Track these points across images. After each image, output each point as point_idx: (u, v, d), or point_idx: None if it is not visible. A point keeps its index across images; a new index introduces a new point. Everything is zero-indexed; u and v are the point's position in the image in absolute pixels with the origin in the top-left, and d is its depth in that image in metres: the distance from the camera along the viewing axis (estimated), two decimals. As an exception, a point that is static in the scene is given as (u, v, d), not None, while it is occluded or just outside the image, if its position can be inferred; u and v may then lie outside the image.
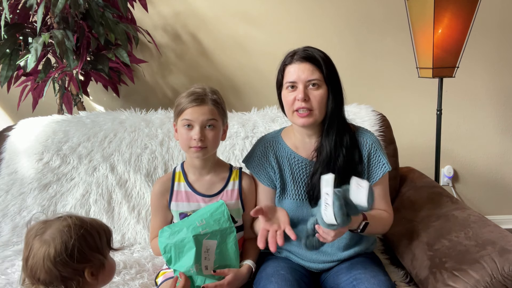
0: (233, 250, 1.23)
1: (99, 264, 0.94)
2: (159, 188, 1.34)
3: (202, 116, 1.23)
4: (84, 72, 2.03)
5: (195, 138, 1.22)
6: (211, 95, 1.27)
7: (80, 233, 0.91)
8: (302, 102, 1.20)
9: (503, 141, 2.53)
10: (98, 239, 0.94)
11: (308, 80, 1.20)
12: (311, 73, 1.20)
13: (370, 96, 2.25)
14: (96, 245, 0.93)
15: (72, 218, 0.93)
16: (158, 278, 1.32)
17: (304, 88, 1.20)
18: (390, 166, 1.30)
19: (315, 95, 1.20)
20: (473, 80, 2.44)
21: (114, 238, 1.61)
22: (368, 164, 1.29)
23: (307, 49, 1.23)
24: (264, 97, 2.27)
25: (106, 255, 0.97)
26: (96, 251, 0.93)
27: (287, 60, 1.25)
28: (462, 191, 2.58)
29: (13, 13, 1.86)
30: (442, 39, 1.94)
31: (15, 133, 1.82)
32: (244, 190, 1.34)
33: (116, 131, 1.77)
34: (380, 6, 2.34)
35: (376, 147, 1.29)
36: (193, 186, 1.32)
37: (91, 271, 0.92)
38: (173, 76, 2.37)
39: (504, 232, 1.21)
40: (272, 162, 1.32)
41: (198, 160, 1.29)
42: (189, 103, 1.23)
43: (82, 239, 0.91)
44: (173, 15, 2.30)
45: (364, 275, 1.17)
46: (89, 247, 0.92)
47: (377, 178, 1.29)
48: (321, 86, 1.21)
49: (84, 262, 0.91)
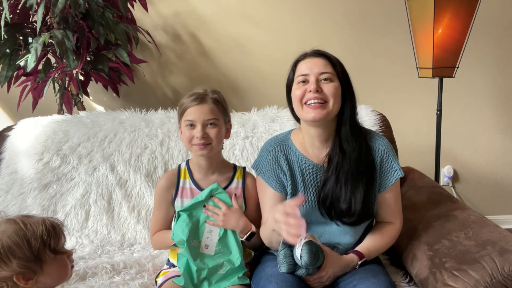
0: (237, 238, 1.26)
1: (31, 271, 0.91)
2: (165, 183, 1.36)
3: (203, 114, 1.25)
4: (84, 72, 2.03)
5: (198, 136, 1.25)
6: (212, 94, 1.29)
7: (3, 241, 0.89)
8: (314, 93, 1.17)
9: (503, 141, 2.53)
10: (25, 247, 0.90)
11: (321, 72, 1.18)
12: (324, 67, 1.19)
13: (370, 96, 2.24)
14: (23, 253, 0.90)
15: (1, 225, 0.92)
16: (158, 278, 1.32)
17: (316, 81, 1.18)
18: (403, 172, 1.26)
19: (329, 87, 1.18)
20: (473, 80, 2.44)
21: (114, 238, 1.63)
22: (380, 171, 1.26)
23: (319, 49, 1.24)
24: (264, 97, 2.27)
25: (42, 260, 0.93)
26: (23, 260, 0.90)
27: (300, 58, 1.25)
28: (462, 191, 2.58)
29: (13, 13, 1.86)
30: (442, 39, 1.94)
31: (15, 133, 1.82)
32: (247, 188, 1.35)
33: (116, 131, 1.77)
34: (380, 6, 2.34)
35: (388, 153, 1.26)
36: (199, 184, 1.34)
37: (22, 277, 0.91)
38: (173, 76, 2.37)
39: (504, 232, 1.21)
40: (283, 167, 1.27)
41: (203, 159, 1.31)
42: (190, 102, 1.27)
43: (4, 248, 0.89)
44: (173, 15, 2.30)
45: (365, 275, 1.16)
46: (13, 255, 0.89)
47: (389, 185, 1.26)
48: (334, 81, 1.19)
49: (8, 270, 0.89)
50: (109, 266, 1.42)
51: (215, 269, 1.24)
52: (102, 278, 1.36)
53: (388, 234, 1.27)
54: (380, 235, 1.27)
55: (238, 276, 1.24)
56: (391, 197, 1.28)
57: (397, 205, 1.30)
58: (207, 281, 1.23)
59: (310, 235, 1.13)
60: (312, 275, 1.15)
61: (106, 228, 1.66)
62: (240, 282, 1.23)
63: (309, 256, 1.10)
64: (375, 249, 1.25)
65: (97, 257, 1.53)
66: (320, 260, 1.13)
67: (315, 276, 1.15)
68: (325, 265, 1.15)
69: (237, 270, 1.25)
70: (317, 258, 1.12)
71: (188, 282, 1.21)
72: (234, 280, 1.23)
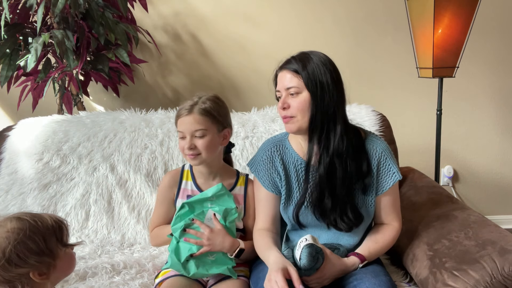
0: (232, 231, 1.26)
1: (46, 265, 0.93)
2: (168, 181, 1.38)
3: (190, 125, 1.27)
4: (84, 72, 2.03)
5: (186, 147, 1.27)
6: (201, 104, 1.28)
7: (19, 238, 0.89)
8: (282, 110, 1.20)
9: (503, 141, 2.53)
10: (41, 242, 0.91)
11: (286, 88, 1.19)
12: (289, 81, 1.19)
13: (370, 96, 2.24)
14: (40, 248, 0.91)
15: (13, 222, 0.92)
16: (158, 278, 1.32)
17: (286, 97, 1.19)
18: (401, 175, 1.25)
19: (294, 102, 1.18)
20: (473, 80, 2.44)
21: (114, 238, 1.63)
22: (377, 174, 1.24)
23: (295, 56, 1.22)
24: (264, 97, 2.26)
25: (55, 255, 0.94)
26: (40, 255, 0.91)
27: (278, 68, 1.25)
28: (462, 191, 2.58)
29: (13, 13, 1.86)
30: (442, 39, 1.94)
31: (15, 133, 1.82)
32: (248, 196, 1.37)
33: (116, 131, 1.77)
34: (380, 6, 2.34)
35: (386, 155, 1.24)
36: (200, 187, 1.36)
37: (38, 272, 0.92)
38: (173, 76, 2.37)
39: (504, 232, 1.21)
40: (278, 167, 1.27)
41: (202, 166, 1.33)
42: (178, 112, 1.30)
43: (21, 245, 0.89)
44: (173, 15, 2.30)
45: (365, 275, 1.16)
46: (30, 251, 0.90)
47: (387, 188, 1.24)
48: (301, 93, 1.18)
49: (26, 267, 0.90)
50: (109, 266, 1.42)
51: (205, 255, 1.23)
52: (102, 278, 1.36)
53: (388, 235, 1.27)
54: (380, 237, 1.27)
55: (228, 267, 1.23)
56: (389, 200, 1.27)
57: (396, 207, 1.29)
58: (195, 263, 1.22)
59: (311, 237, 1.13)
60: (310, 276, 1.15)
61: (106, 228, 1.66)
62: (228, 272, 1.23)
63: (308, 259, 1.10)
64: (376, 251, 1.25)
65: (97, 257, 1.53)
66: (320, 262, 1.13)
67: (314, 277, 1.15)
68: (324, 266, 1.15)
69: (226, 260, 1.24)
70: (316, 260, 1.12)
71: (175, 262, 1.21)
72: (224, 269, 1.23)
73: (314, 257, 1.11)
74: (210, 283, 1.28)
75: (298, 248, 1.12)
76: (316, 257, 1.12)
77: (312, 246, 1.11)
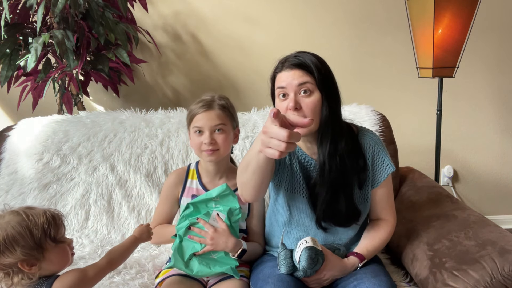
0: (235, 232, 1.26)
1: (34, 258, 0.98)
2: (174, 179, 1.39)
3: (210, 121, 1.28)
4: (84, 72, 2.03)
5: (206, 142, 1.27)
6: (219, 101, 1.32)
7: (8, 231, 0.96)
8: (293, 111, 1.11)
9: (503, 141, 2.53)
10: (28, 238, 0.97)
11: (298, 84, 1.11)
12: (300, 78, 1.12)
13: (370, 96, 2.25)
14: (26, 242, 0.97)
15: (6, 216, 0.99)
16: (158, 278, 1.32)
17: (295, 96, 1.12)
18: (394, 167, 1.25)
19: (307, 102, 1.12)
20: (473, 80, 2.44)
21: (114, 238, 1.63)
22: (372, 167, 1.24)
23: (298, 55, 1.15)
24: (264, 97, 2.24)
25: (44, 248, 1.00)
26: (26, 248, 0.97)
27: (278, 68, 1.18)
28: (462, 191, 2.58)
29: (13, 13, 1.86)
30: (442, 39, 1.94)
31: (15, 133, 1.81)
32: None
33: (116, 131, 1.77)
34: (380, 6, 2.34)
35: (379, 149, 1.25)
36: (206, 187, 1.37)
37: (26, 263, 0.98)
38: (173, 76, 2.37)
39: (504, 232, 1.21)
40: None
41: (211, 165, 1.34)
42: (198, 109, 1.30)
43: (8, 239, 0.96)
44: (173, 15, 2.30)
45: (365, 275, 1.17)
46: (17, 244, 0.96)
47: (381, 180, 1.25)
48: (313, 92, 1.12)
49: (13, 258, 0.96)
50: (109, 266, 1.41)
51: (207, 254, 1.24)
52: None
53: (384, 231, 1.27)
54: (376, 233, 1.27)
55: (231, 266, 1.23)
56: (384, 193, 1.27)
57: (390, 201, 1.30)
58: (197, 260, 1.23)
59: (311, 239, 1.13)
60: (310, 277, 1.15)
61: (106, 228, 1.66)
62: (231, 272, 1.22)
63: (308, 261, 1.10)
64: (374, 248, 1.25)
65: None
66: (319, 263, 1.13)
67: (314, 278, 1.15)
68: (324, 268, 1.15)
69: (229, 260, 1.24)
70: (315, 262, 1.12)
71: (179, 260, 1.21)
72: (227, 268, 1.23)
73: (313, 260, 1.11)
74: (210, 283, 1.28)
75: (298, 250, 1.12)
76: (316, 259, 1.12)
77: (312, 248, 1.11)
